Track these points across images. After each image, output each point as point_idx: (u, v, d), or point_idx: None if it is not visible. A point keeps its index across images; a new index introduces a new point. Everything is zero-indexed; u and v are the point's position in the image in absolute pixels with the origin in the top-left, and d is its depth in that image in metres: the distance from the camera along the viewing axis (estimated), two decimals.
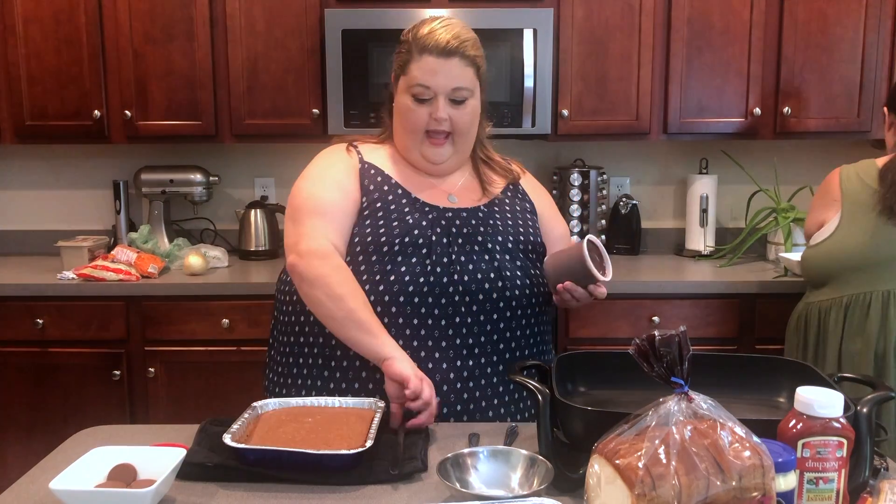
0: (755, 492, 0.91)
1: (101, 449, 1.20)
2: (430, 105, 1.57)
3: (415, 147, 1.62)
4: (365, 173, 1.63)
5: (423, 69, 1.55)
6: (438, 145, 1.60)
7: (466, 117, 1.60)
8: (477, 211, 1.63)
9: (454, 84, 1.56)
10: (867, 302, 2.10)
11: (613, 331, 2.73)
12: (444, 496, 1.17)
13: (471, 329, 1.54)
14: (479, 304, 1.54)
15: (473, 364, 1.54)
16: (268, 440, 1.27)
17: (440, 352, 1.53)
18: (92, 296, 2.72)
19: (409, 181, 1.65)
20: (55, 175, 3.33)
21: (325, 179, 1.62)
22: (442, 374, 1.52)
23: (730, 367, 1.36)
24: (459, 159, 1.67)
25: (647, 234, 3.31)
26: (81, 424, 1.60)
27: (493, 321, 1.56)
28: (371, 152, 1.69)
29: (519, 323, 1.59)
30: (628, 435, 0.95)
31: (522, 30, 2.80)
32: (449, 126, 1.58)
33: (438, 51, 1.54)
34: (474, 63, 1.58)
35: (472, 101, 1.60)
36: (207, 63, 2.89)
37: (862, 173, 2.15)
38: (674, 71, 2.91)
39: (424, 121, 1.58)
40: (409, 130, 1.61)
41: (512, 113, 2.83)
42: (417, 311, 1.52)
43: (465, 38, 1.56)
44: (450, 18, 1.62)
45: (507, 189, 1.72)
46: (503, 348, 1.58)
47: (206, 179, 3.12)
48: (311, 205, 1.58)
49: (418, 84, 1.55)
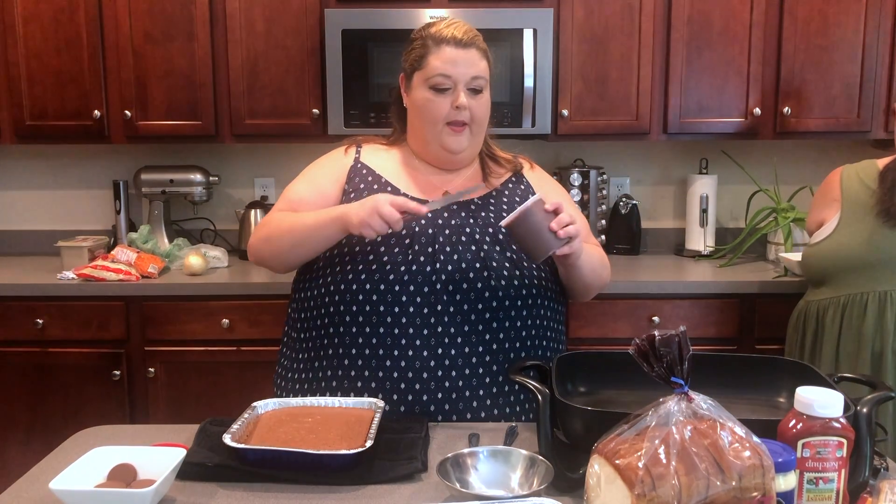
0: (755, 492, 0.91)
1: (101, 449, 1.20)
2: (451, 95, 1.60)
3: (434, 139, 1.63)
4: (356, 173, 1.67)
5: (444, 59, 1.58)
6: (458, 132, 1.62)
7: (483, 107, 1.63)
8: (469, 203, 1.63)
9: (473, 73, 1.60)
10: (864, 302, 2.10)
11: (613, 331, 2.73)
12: (444, 496, 1.17)
13: (453, 319, 1.53)
14: (464, 294, 1.53)
15: (457, 354, 1.53)
16: (268, 440, 1.27)
17: (423, 342, 1.52)
18: (92, 296, 2.72)
19: (400, 178, 1.67)
20: (55, 175, 3.33)
21: (307, 178, 1.71)
22: (424, 364, 1.52)
23: (730, 367, 1.36)
24: (473, 151, 1.69)
25: (647, 234, 3.31)
26: (81, 424, 1.60)
27: (479, 311, 1.54)
28: (373, 153, 1.71)
29: (507, 314, 1.56)
30: (628, 435, 0.95)
31: (522, 30, 2.80)
32: (468, 116, 1.61)
33: (457, 42, 1.59)
34: (486, 55, 1.64)
35: (487, 92, 1.64)
36: (207, 63, 2.89)
37: (862, 174, 2.16)
38: (674, 71, 2.91)
39: (445, 110, 1.60)
40: (429, 122, 1.62)
41: (512, 113, 2.83)
42: (399, 299, 1.52)
43: (476, 33, 1.64)
44: (454, 19, 1.68)
45: (510, 180, 1.72)
46: (489, 339, 1.56)
47: (206, 179, 3.12)
48: (288, 194, 1.69)
49: (439, 74, 1.59)
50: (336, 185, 1.67)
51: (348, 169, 1.68)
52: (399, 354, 1.52)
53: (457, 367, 1.53)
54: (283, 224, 1.61)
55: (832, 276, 2.18)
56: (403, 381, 1.52)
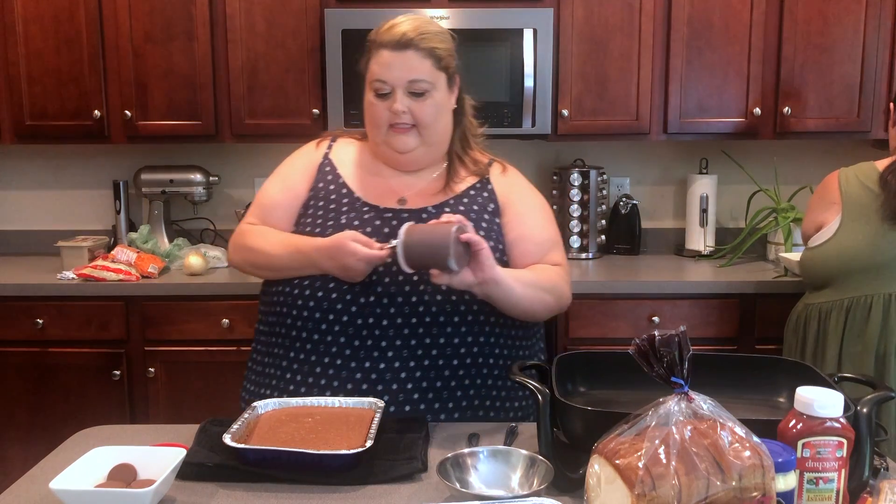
0: (755, 492, 0.91)
1: (101, 449, 1.20)
2: (390, 99, 1.56)
3: (381, 141, 1.62)
4: (321, 170, 1.67)
5: (380, 63, 1.55)
6: (403, 132, 1.58)
7: (427, 109, 1.57)
8: (421, 212, 1.59)
9: (410, 76, 1.54)
10: (868, 304, 2.10)
11: (613, 331, 2.73)
12: (444, 496, 1.17)
13: (385, 332, 1.50)
14: (398, 307, 1.50)
15: (386, 368, 1.49)
16: (268, 440, 1.27)
17: (353, 353, 1.50)
18: (92, 296, 2.72)
19: (359, 181, 1.65)
20: (55, 175, 3.33)
21: (280, 177, 1.71)
22: (350, 376, 1.50)
23: (730, 367, 1.36)
24: (430, 153, 1.63)
25: (647, 234, 3.31)
26: (81, 424, 1.59)
27: (412, 325, 1.50)
28: (343, 147, 1.71)
29: (443, 331, 1.51)
30: (628, 435, 0.95)
31: (522, 30, 2.80)
32: (410, 119, 1.56)
33: (393, 44, 1.54)
34: (432, 55, 1.55)
35: (435, 94, 1.57)
36: (207, 63, 2.89)
37: (862, 176, 2.15)
38: (674, 71, 2.91)
39: (385, 115, 1.57)
40: (374, 126, 1.61)
41: (512, 113, 2.82)
42: (334, 307, 1.51)
43: (423, 31, 1.55)
44: (419, 16, 1.62)
45: (474, 187, 1.65)
46: (421, 354, 1.50)
47: (206, 179, 3.12)
48: (258, 198, 1.72)
49: (376, 79, 1.56)
50: (306, 182, 1.66)
51: (317, 165, 1.68)
52: (330, 363, 1.51)
53: (384, 381, 1.50)
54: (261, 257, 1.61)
55: (835, 279, 2.17)
56: (330, 390, 1.51)
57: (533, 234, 1.64)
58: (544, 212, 1.69)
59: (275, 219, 1.66)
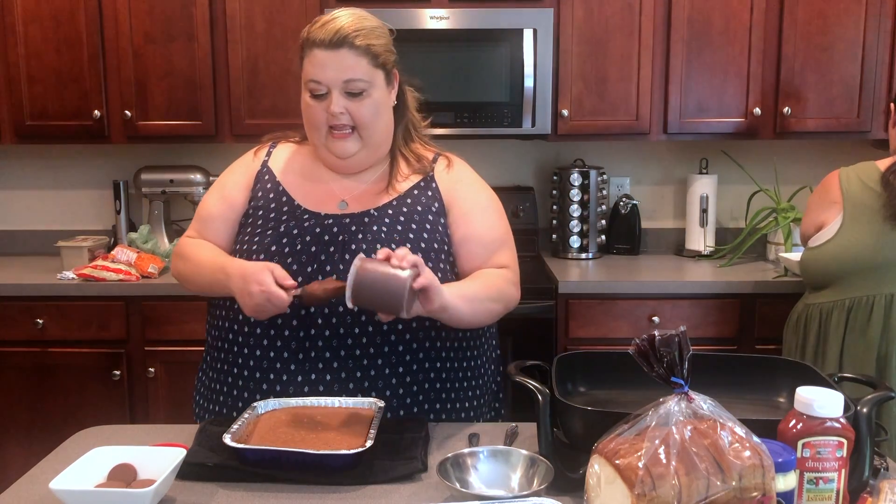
0: (755, 492, 0.91)
1: (101, 449, 1.20)
2: (326, 100, 1.49)
3: (321, 144, 1.55)
4: (259, 178, 1.62)
5: (314, 63, 1.48)
6: (342, 138, 1.52)
7: (365, 109, 1.50)
8: (363, 216, 1.53)
9: (345, 76, 1.47)
10: (870, 305, 2.09)
11: (613, 331, 2.73)
12: (444, 496, 1.17)
13: (329, 343, 1.46)
14: (339, 316, 1.46)
15: (332, 380, 1.46)
16: (268, 440, 1.27)
17: (298, 365, 1.47)
18: (92, 296, 2.72)
19: (299, 187, 1.59)
20: (55, 175, 3.33)
21: (219, 188, 1.66)
22: (297, 389, 1.47)
23: (730, 367, 1.36)
24: (371, 154, 1.57)
25: (647, 234, 3.31)
26: (81, 424, 1.60)
27: (355, 335, 1.46)
28: (282, 153, 1.66)
29: (387, 339, 1.47)
30: (628, 435, 0.95)
31: (522, 30, 2.80)
32: (349, 119, 1.50)
33: (325, 43, 1.47)
34: (368, 53, 1.48)
35: (373, 93, 1.50)
36: (207, 63, 2.89)
37: (863, 176, 2.15)
38: (674, 71, 2.91)
39: (323, 117, 1.50)
40: (313, 128, 1.54)
41: (512, 113, 2.82)
42: (273, 322, 1.47)
43: (357, 28, 1.48)
44: (354, 10, 1.53)
45: (418, 185, 1.59)
46: (367, 365, 1.47)
47: (206, 179, 3.12)
48: (198, 211, 1.67)
49: (311, 80, 1.49)
50: (244, 192, 1.62)
51: (255, 174, 1.63)
52: (274, 377, 1.48)
53: (333, 392, 1.47)
54: (189, 269, 1.59)
55: (836, 279, 2.16)
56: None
57: (479, 234, 1.58)
58: (491, 209, 1.62)
59: (212, 231, 1.62)
